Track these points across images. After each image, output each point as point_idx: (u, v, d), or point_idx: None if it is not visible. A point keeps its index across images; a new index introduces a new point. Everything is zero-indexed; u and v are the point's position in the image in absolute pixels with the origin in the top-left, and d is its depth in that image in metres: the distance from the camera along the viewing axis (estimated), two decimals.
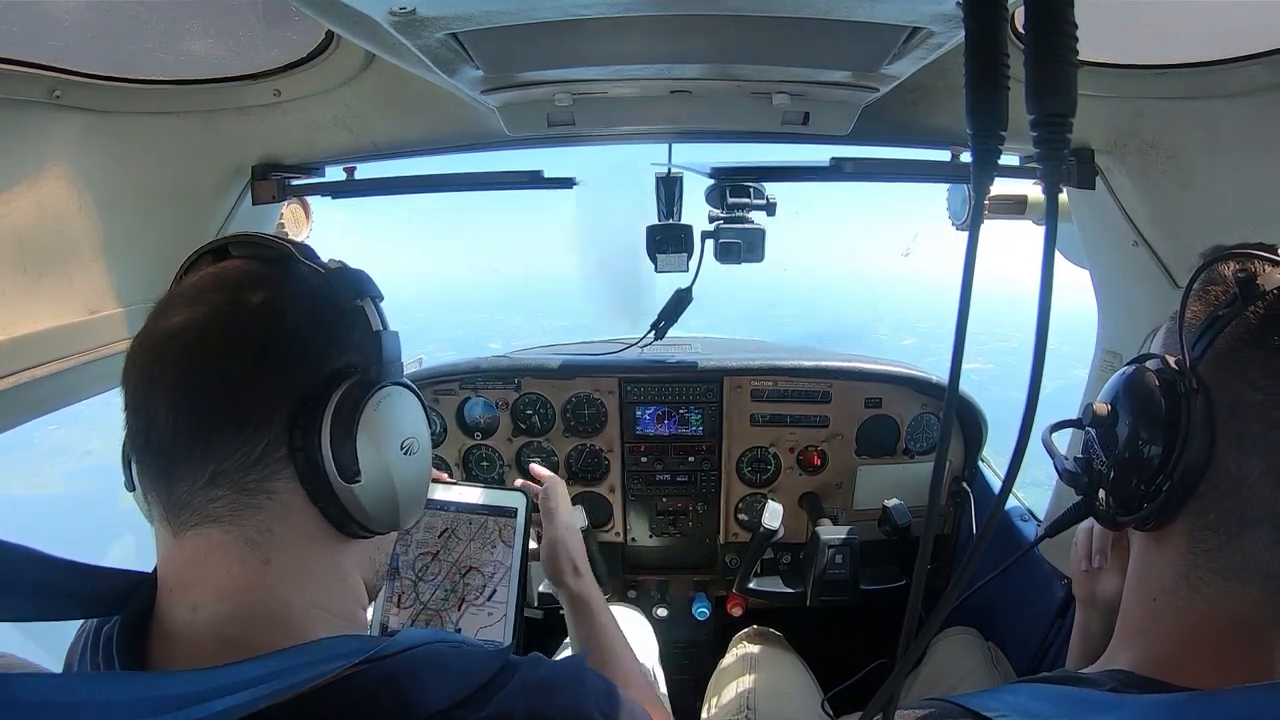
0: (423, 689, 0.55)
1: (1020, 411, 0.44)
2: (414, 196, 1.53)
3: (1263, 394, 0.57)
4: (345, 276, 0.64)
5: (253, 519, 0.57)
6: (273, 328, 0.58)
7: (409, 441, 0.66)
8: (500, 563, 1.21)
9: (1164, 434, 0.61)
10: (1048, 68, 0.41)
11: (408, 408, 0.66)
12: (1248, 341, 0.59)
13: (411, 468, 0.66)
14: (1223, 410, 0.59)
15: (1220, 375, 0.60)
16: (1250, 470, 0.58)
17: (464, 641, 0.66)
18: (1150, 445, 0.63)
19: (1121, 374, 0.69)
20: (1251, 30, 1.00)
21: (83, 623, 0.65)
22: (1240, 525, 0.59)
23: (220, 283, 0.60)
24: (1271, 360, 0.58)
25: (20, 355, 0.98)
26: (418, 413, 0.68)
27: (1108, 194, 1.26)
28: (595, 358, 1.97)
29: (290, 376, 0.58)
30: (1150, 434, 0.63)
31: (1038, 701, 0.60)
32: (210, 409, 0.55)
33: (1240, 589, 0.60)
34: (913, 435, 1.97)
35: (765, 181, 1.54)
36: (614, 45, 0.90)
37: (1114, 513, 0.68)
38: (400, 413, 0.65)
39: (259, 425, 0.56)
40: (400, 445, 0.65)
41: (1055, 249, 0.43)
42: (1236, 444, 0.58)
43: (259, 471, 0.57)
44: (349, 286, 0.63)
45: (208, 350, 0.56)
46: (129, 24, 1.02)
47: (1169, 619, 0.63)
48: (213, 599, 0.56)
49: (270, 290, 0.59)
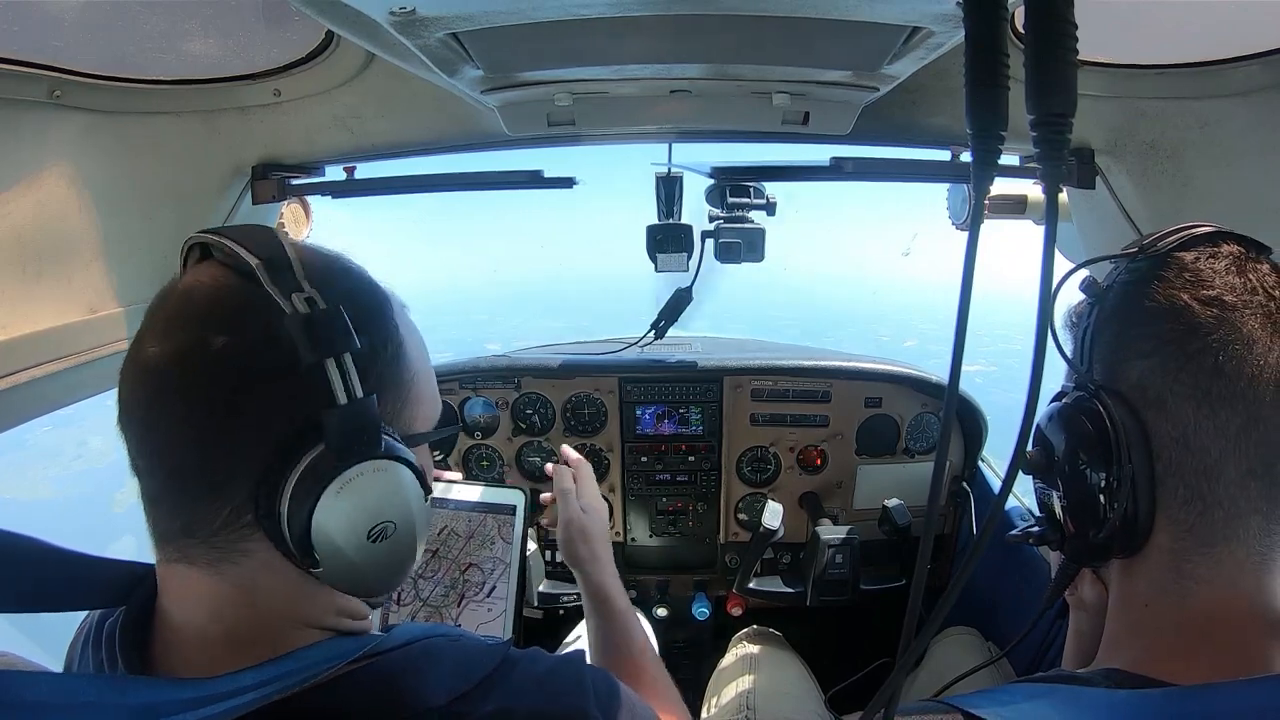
0: (421, 684, 0.55)
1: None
2: (413, 196, 1.53)
3: (1154, 356, 0.61)
4: (314, 327, 0.52)
5: (231, 571, 0.54)
6: (234, 386, 0.51)
7: (381, 527, 0.55)
8: (499, 559, 1.22)
9: (1102, 452, 0.62)
10: (1048, 67, 0.41)
11: (384, 489, 0.55)
12: (1114, 323, 0.65)
13: (382, 555, 0.56)
14: (1133, 394, 0.62)
15: (1116, 370, 0.64)
16: (1185, 427, 0.59)
17: (463, 635, 0.66)
18: (1093, 470, 0.63)
19: (1044, 417, 0.70)
20: (1251, 30, 1.00)
21: (85, 615, 0.65)
22: (1209, 479, 0.59)
23: (189, 313, 0.53)
24: (1137, 326, 0.63)
25: (20, 355, 0.98)
26: (398, 491, 0.56)
27: (1108, 194, 1.26)
28: (595, 357, 1.97)
29: (248, 446, 0.52)
30: (1090, 458, 0.63)
31: (1034, 701, 0.60)
32: (174, 469, 0.52)
33: (1228, 550, 0.60)
34: (913, 435, 1.97)
35: (765, 181, 1.54)
36: (614, 45, 0.90)
37: (1095, 552, 0.68)
38: (370, 498, 0.54)
39: (219, 492, 0.52)
40: (368, 534, 0.54)
41: (1055, 249, 0.43)
42: (1161, 413, 0.60)
43: (228, 535, 0.53)
44: (320, 338, 0.52)
45: (168, 408, 0.51)
46: (129, 24, 1.03)
47: (1164, 617, 0.63)
48: (205, 619, 0.55)
49: (234, 334, 0.51)
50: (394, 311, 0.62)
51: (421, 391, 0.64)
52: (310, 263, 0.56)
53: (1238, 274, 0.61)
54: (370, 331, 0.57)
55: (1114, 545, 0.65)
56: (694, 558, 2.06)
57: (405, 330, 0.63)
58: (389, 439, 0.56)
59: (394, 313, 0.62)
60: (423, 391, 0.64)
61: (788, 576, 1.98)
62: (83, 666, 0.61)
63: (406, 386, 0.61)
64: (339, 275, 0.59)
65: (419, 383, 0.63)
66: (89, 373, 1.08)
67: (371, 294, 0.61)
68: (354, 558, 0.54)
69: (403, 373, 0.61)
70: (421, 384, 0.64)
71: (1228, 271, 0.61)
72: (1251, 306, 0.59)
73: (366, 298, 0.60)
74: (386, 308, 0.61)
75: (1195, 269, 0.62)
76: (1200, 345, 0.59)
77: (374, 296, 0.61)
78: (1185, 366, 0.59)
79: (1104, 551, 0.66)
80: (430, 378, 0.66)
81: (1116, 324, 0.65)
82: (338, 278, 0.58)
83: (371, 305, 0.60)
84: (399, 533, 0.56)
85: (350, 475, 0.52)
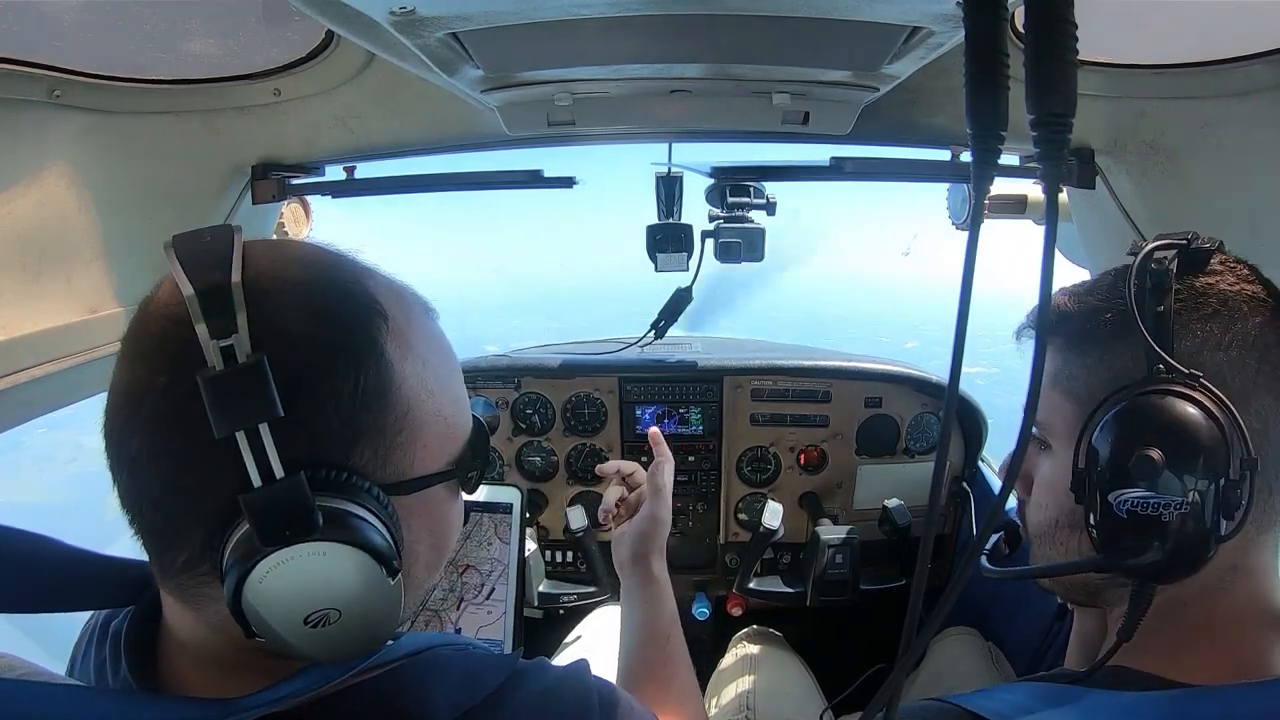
0: (428, 699, 0.54)
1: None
2: (412, 196, 1.53)
3: (1232, 349, 0.61)
4: (221, 390, 0.43)
5: (204, 608, 0.50)
6: (168, 440, 0.46)
7: (320, 615, 0.47)
8: (498, 560, 1.21)
9: (1226, 454, 0.57)
10: (1048, 67, 0.40)
11: (321, 575, 0.46)
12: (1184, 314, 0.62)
13: (326, 640, 0.48)
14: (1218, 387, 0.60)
15: (1192, 363, 0.61)
16: (1268, 418, 0.60)
17: (469, 644, 0.65)
18: (1213, 475, 0.57)
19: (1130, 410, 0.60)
20: (1251, 30, 1.00)
21: (91, 615, 0.64)
22: (1277, 464, 0.60)
23: (140, 345, 0.48)
24: (1211, 318, 0.62)
25: (20, 355, 0.98)
26: (341, 579, 0.47)
27: (1108, 194, 1.26)
28: (595, 357, 1.97)
29: (194, 498, 0.46)
30: (1211, 463, 0.57)
31: (1035, 700, 0.60)
32: (132, 502, 0.48)
33: (1271, 538, 0.61)
34: (913, 435, 1.97)
35: (765, 181, 1.54)
36: (614, 45, 0.90)
37: (1195, 560, 0.59)
38: (304, 585, 0.46)
39: (173, 539, 0.48)
40: (304, 620, 0.47)
41: (1055, 249, 0.43)
42: (1245, 406, 0.59)
43: (188, 578, 0.49)
44: (227, 406, 0.43)
45: (124, 441, 0.47)
46: (129, 24, 1.02)
47: (1196, 616, 0.63)
48: (195, 643, 0.54)
49: (173, 379, 0.45)
50: (383, 336, 0.51)
51: (423, 426, 0.54)
52: (265, 289, 0.47)
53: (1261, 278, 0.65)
54: (336, 375, 0.47)
55: (1213, 551, 0.59)
56: (694, 558, 2.06)
57: (401, 354, 0.52)
58: (343, 508, 0.47)
59: (382, 339, 0.51)
60: (425, 425, 0.54)
61: (788, 577, 1.98)
62: (85, 666, 0.61)
63: (397, 426, 0.51)
64: (297, 304, 0.48)
65: (419, 417, 0.53)
66: (89, 373, 1.08)
67: (346, 325, 0.50)
68: (291, 640, 0.48)
69: (387, 414, 0.50)
70: (423, 417, 0.53)
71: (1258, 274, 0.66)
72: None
73: (338, 331, 0.49)
74: (362, 338, 0.50)
75: (1239, 268, 0.65)
76: (1270, 339, 0.61)
77: (347, 328, 0.49)
78: (1265, 357, 0.60)
79: (1202, 562, 0.59)
80: (445, 404, 0.56)
81: (1186, 314, 0.62)
82: (295, 308, 0.48)
83: (340, 341, 0.49)
84: (345, 620, 0.48)
85: (277, 560, 0.45)
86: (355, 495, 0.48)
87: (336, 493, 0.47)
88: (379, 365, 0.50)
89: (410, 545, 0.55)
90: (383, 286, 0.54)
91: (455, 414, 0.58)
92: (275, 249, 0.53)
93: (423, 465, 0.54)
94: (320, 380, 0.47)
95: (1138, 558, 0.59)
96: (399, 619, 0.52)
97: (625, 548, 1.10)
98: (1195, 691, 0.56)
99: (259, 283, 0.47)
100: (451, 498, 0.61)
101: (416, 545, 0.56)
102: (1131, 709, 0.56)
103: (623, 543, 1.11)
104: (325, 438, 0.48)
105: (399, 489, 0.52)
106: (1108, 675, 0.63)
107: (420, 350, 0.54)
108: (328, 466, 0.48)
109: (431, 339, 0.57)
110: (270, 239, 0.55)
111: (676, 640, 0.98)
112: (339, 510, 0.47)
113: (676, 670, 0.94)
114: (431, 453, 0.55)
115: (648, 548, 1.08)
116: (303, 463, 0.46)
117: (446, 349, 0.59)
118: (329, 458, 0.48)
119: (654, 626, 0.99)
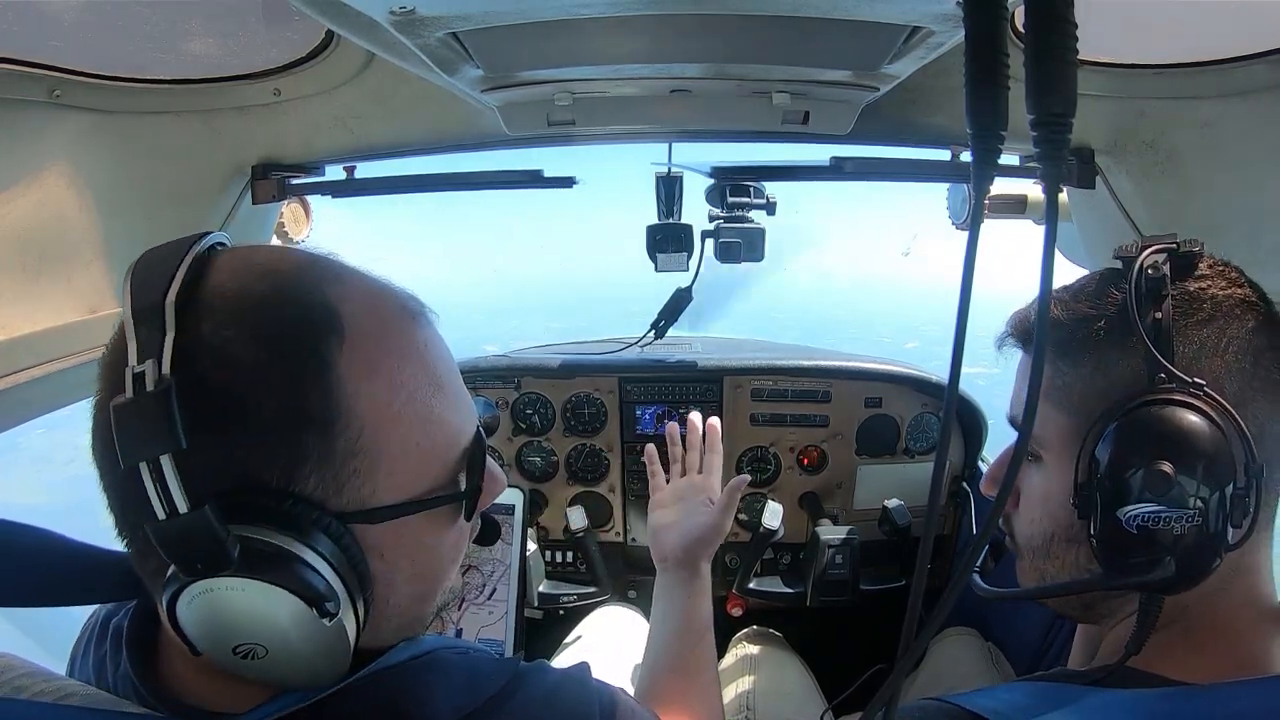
0: (430, 701, 0.53)
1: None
2: (411, 196, 1.53)
3: (1227, 353, 0.60)
4: (126, 418, 0.42)
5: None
6: (111, 465, 0.45)
7: (247, 649, 0.45)
8: (499, 561, 1.21)
9: (1233, 463, 0.57)
10: (1048, 67, 0.40)
11: (241, 612, 0.44)
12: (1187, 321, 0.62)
13: (259, 671, 0.47)
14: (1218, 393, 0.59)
15: (1191, 369, 0.60)
16: (1264, 422, 0.60)
17: (470, 647, 0.64)
18: (1222, 485, 0.56)
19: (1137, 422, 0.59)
20: (1251, 30, 1.00)
21: (92, 611, 0.64)
22: (1274, 469, 0.60)
23: (107, 362, 0.49)
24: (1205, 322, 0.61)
25: (20, 355, 0.98)
26: (263, 617, 0.44)
27: (1108, 194, 1.26)
28: (595, 357, 1.97)
29: (135, 519, 0.45)
30: (1220, 473, 0.56)
31: (1034, 699, 0.60)
32: (110, 506, 0.48)
33: (1265, 538, 0.61)
34: (913, 435, 1.97)
35: (765, 181, 1.54)
36: (614, 45, 0.90)
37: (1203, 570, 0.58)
38: (226, 618, 0.44)
39: (138, 548, 0.48)
40: (233, 650, 0.46)
41: (1055, 249, 0.43)
42: (1244, 411, 0.58)
43: (159, 585, 0.47)
44: (128, 434, 0.42)
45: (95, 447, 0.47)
46: (129, 24, 1.03)
47: (1197, 615, 0.63)
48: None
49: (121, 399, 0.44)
50: (332, 353, 0.47)
51: (385, 450, 0.49)
52: (210, 305, 0.45)
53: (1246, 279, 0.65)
54: (271, 396, 0.45)
55: (1219, 561, 0.58)
56: None
57: (357, 372, 0.48)
58: (269, 541, 0.44)
59: (330, 355, 0.47)
60: (387, 450, 0.49)
61: (788, 577, 1.97)
62: (85, 663, 0.61)
63: (348, 451, 0.47)
64: (237, 322, 0.45)
65: (379, 440, 0.49)
66: (89, 373, 1.07)
67: (285, 343, 0.46)
68: (229, 666, 0.47)
69: (334, 438, 0.47)
70: (385, 441, 0.49)
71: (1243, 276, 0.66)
72: (1270, 304, 0.63)
73: (276, 349, 0.46)
74: (304, 357, 0.46)
75: (1226, 270, 0.65)
76: (1260, 341, 0.61)
77: (286, 349, 0.46)
78: (1259, 361, 0.60)
79: (1211, 571, 0.58)
80: (416, 426, 0.52)
81: (1181, 320, 0.62)
82: (235, 326, 0.45)
83: (278, 360, 0.46)
84: (274, 655, 0.46)
85: (196, 591, 0.43)
86: (296, 526, 0.45)
87: (270, 523, 0.45)
88: (325, 385, 0.46)
89: (385, 575, 0.52)
90: (354, 294, 0.51)
91: (435, 437, 0.53)
92: (242, 259, 0.50)
93: (390, 493, 0.50)
94: (252, 403, 0.44)
95: (1148, 573, 0.57)
96: (346, 656, 0.49)
97: (677, 545, 1.08)
98: (1193, 689, 0.57)
99: (205, 298, 0.45)
100: (439, 525, 0.56)
101: (394, 575, 0.53)
102: (1130, 708, 0.56)
103: (672, 538, 1.09)
104: (259, 463, 0.45)
105: (360, 518, 0.49)
106: (1109, 674, 0.63)
107: (388, 368, 0.50)
108: (262, 493, 0.45)
109: (410, 353, 0.52)
110: (248, 246, 0.53)
111: (708, 641, 0.98)
112: (263, 544, 0.44)
113: (702, 669, 0.94)
114: (400, 480, 0.51)
115: (702, 552, 1.08)
116: (224, 490, 0.43)
117: (431, 363, 0.54)
118: (265, 484, 0.45)
119: (690, 624, 0.99)
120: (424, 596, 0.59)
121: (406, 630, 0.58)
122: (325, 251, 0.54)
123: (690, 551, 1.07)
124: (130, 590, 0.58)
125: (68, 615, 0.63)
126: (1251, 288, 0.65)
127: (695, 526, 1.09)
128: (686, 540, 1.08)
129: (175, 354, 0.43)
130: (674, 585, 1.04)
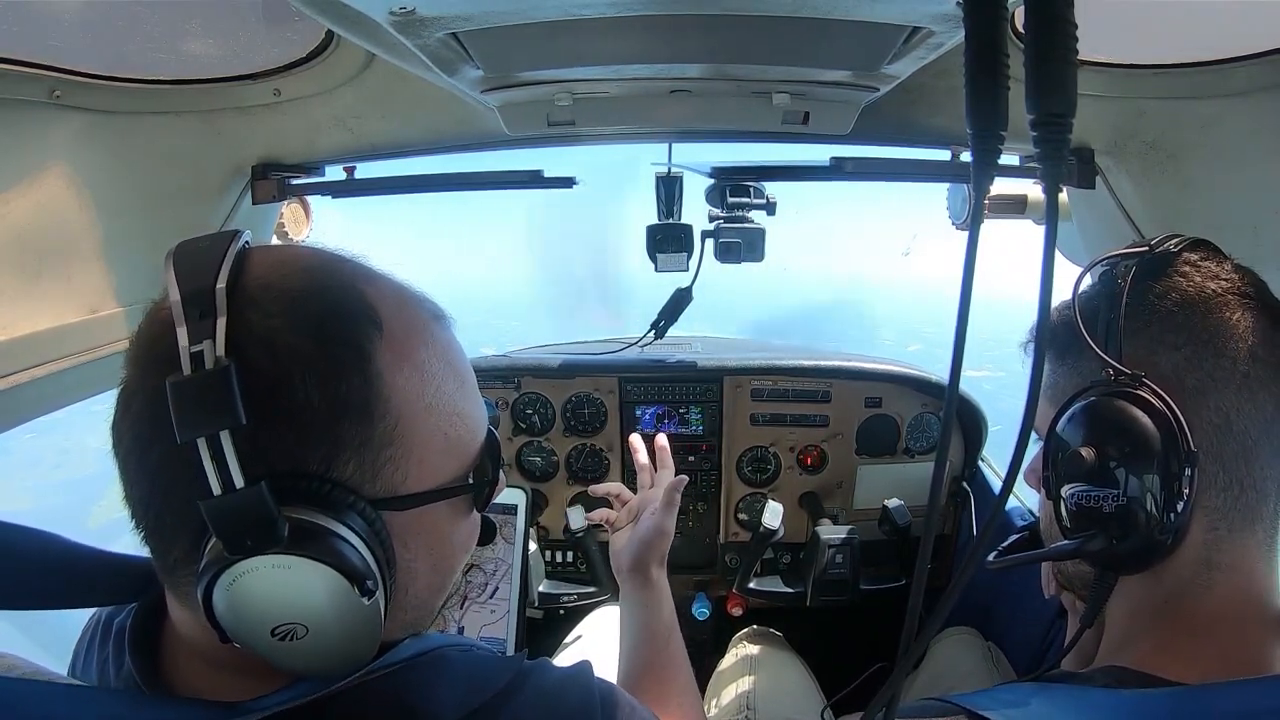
0: (434, 698, 0.54)
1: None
2: (410, 196, 1.53)
3: (1186, 347, 0.63)
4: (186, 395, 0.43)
5: (200, 609, 0.48)
6: (162, 443, 0.45)
7: (286, 629, 0.46)
8: (501, 560, 1.21)
9: (1161, 443, 0.60)
10: (1048, 67, 0.40)
11: (284, 590, 0.45)
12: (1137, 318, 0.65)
13: (293, 654, 0.48)
14: (1168, 385, 0.62)
15: (1143, 363, 0.63)
16: (1228, 412, 0.61)
17: (473, 645, 0.65)
18: (1151, 464, 0.60)
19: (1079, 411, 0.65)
20: (1251, 30, 1.00)
21: (93, 613, 0.64)
22: (1247, 461, 0.62)
23: (148, 348, 0.48)
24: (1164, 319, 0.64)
25: (20, 355, 0.98)
26: (306, 595, 0.46)
27: (1108, 194, 1.26)
28: (595, 357, 1.97)
29: (178, 502, 0.46)
30: (1147, 452, 0.60)
31: (1033, 699, 0.60)
32: (132, 498, 0.49)
33: (1252, 534, 0.62)
34: (913, 435, 1.97)
35: (765, 181, 1.54)
36: (614, 45, 0.90)
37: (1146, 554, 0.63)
38: (267, 598, 0.45)
39: (163, 536, 0.49)
40: (272, 632, 0.46)
41: (1055, 249, 0.43)
42: (1201, 401, 0.62)
43: (180, 576, 0.49)
44: (189, 410, 0.43)
45: (122, 435, 0.48)
46: (129, 24, 1.03)
47: (1182, 613, 0.64)
48: (194, 641, 0.54)
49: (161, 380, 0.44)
50: (373, 346, 0.50)
51: (417, 440, 0.52)
52: (254, 296, 0.47)
53: (1237, 271, 0.67)
54: (317, 384, 0.46)
55: (1167, 542, 0.62)
56: (694, 558, 2.06)
57: (395, 365, 0.50)
58: (315, 522, 0.46)
59: (371, 348, 0.49)
60: (419, 440, 0.52)
61: (788, 576, 1.97)
62: (87, 664, 0.61)
63: (385, 439, 0.50)
64: (284, 312, 0.47)
65: (413, 431, 0.51)
66: (89, 373, 1.08)
67: (332, 334, 0.48)
68: (263, 651, 0.47)
69: (373, 426, 0.49)
70: (418, 431, 0.52)
71: (1235, 269, 0.67)
72: (1266, 296, 0.65)
73: (322, 339, 0.48)
74: (349, 348, 0.49)
75: (1208, 266, 0.66)
76: (1235, 333, 0.62)
77: (333, 337, 0.48)
78: (1224, 353, 0.62)
79: (1156, 552, 0.62)
80: (445, 419, 0.54)
81: (1139, 319, 0.65)
82: (281, 316, 0.47)
83: (324, 350, 0.47)
84: (314, 636, 0.47)
85: (240, 570, 0.44)
86: (335, 509, 0.47)
87: (313, 505, 0.46)
88: (365, 375, 0.49)
89: (407, 563, 0.54)
90: (386, 293, 0.53)
91: (459, 429, 0.56)
92: (277, 255, 0.53)
93: (418, 481, 0.53)
94: (299, 389, 0.46)
95: (1087, 546, 0.64)
96: (377, 639, 0.50)
97: (627, 554, 1.11)
98: (1188, 690, 0.57)
99: (250, 289, 0.47)
100: (456, 516, 0.59)
101: (415, 564, 0.55)
102: (1128, 708, 0.57)
103: (623, 549, 1.12)
104: (304, 448, 0.47)
105: (391, 504, 0.51)
106: (1104, 675, 0.63)
107: (420, 361, 0.53)
108: (305, 477, 0.47)
109: (436, 350, 0.55)
110: (279, 244, 0.55)
111: (676, 643, 0.99)
112: (309, 524, 0.46)
113: (676, 672, 0.95)
114: (428, 469, 0.54)
115: (650, 557, 1.09)
116: (274, 472, 0.45)
117: (454, 360, 0.57)
118: (307, 468, 0.47)
119: (653, 629, 1.01)
120: (438, 589, 0.61)
121: (416, 624, 0.60)
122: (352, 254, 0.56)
123: (639, 558, 1.09)
124: (131, 592, 0.58)
125: (68, 617, 0.63)
126: (1229, 281, 0.66)
127: (641, 532, 1.12)
128: (633, 546, 1.10)
129: (226, 339, 0.44)
130: (630, 594, 1.07)
